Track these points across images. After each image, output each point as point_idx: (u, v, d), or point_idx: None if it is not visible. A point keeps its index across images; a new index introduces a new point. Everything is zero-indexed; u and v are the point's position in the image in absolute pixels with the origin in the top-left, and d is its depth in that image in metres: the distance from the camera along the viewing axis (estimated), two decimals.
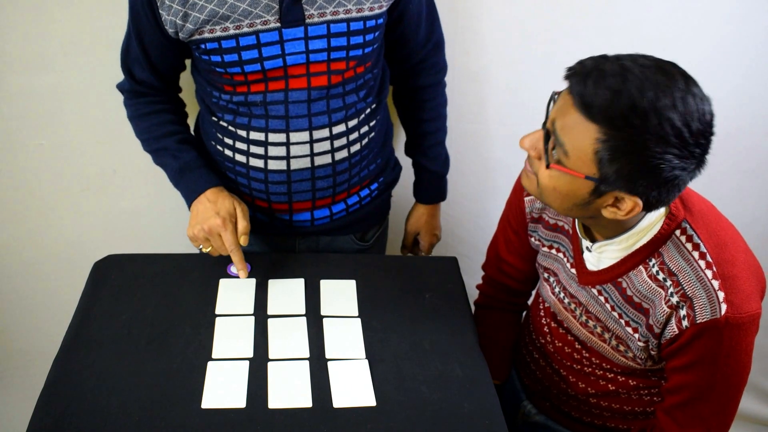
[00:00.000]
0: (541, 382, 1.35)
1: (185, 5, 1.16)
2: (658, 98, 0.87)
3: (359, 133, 1.36)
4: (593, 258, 1.13)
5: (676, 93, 0.88)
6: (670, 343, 1.04)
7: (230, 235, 1.24)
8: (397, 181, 1.56)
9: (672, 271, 1.03)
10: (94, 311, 1.23)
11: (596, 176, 0.94)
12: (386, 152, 1.49)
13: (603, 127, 0.90)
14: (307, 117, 1.29)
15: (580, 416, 1.30)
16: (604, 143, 0.90)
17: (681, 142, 0.88)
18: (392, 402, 1.10)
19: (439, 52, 1.46)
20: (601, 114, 0.89)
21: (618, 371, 1.20)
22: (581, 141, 0.92)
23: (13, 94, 1.56)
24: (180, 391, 1.09)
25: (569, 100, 0.93)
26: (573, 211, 1.02)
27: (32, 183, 1.69)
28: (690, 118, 0.88)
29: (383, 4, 1.25)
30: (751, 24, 1.54)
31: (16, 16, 1.46)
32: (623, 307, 1.11)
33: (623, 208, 0.96)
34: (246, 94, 1.27)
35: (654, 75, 0.89)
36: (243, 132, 1.32)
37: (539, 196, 1.05)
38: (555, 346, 1.29)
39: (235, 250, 1.25)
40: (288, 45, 1.21)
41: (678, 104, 0.88)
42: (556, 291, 1.25)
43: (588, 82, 0.90)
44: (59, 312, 1.42)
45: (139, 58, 1.28)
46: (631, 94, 0.87)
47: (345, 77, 1.29)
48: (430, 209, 1.63)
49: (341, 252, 1.51)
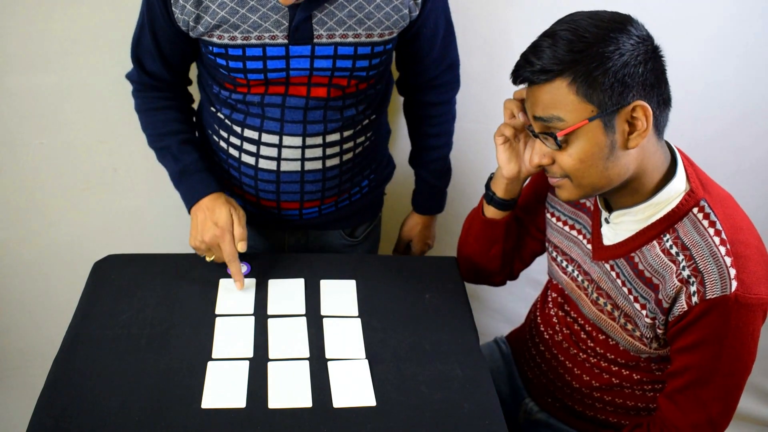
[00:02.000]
0: (545, 375, 1.35)
1: (198, 7, 1.17)
2: (576, 22, 0.99)
3: (354, 143, 1.36)
4: (610, 232, 1.15)
5: (603, 26, 0.98)
6: (678, 320, 1.05)
7: (228, 245, 1.25)
8: (389, 178, 1.56)
9: (686, 245, 1.04)
10: (94, 311, 1.23)
11: (595, 112, 0.99)
12: (379, 157, 1.49)
13: (564, 74, 0.98)
14: (302, 123, 1.29)
15: (583, 410, 1.30)
16: (576, 82, 0.98)
17: (625, 33, 0.98)
18: (392, 402, 1.10)
19: (452, 72, 1.46)
20: (554, 66, 0.98)
21: (622, 362, 1.21)
22: (560, 99, 1.00)
23: (14, 94, 1.56)
24: (180, 391, 1.09)
25: (529, 90, 1.04)
26: (611, 170, 1.04)
27: (32, 182, 1.69)
28: (607, 15, 1.01)
29: (393, 31, 1.25)
30: (748, 23, 1.54)
31: (17, 16, 1.46)
32: (633, 282, 1.12)
33: (640, 125, 0.99)
34: (245, 94, 1.28)
35: (564, 19, 1.02)
36: (238, 128, 1.32)
37: (581, 191, 1.07)
38: (563, 333, 1.29)
39: (233, 261, 1.26)
40: (293, 61, 1.22)
41: (592, 16, 1.00)
42: (568, 270, 1.26)
43: (529, 57, 1.01)
44: (59, 312, 1.42)
45: (151, 50, 1.28)
46: (563, 36, 0.98)
47: (346, 92, 1.29)
48: (425, 219, 1.63)
49: (330, 247, 1.52)
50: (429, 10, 1.28)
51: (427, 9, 1.27)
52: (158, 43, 1.27)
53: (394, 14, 1.22)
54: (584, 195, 1.08)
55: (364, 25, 1.21)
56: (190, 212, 1.32)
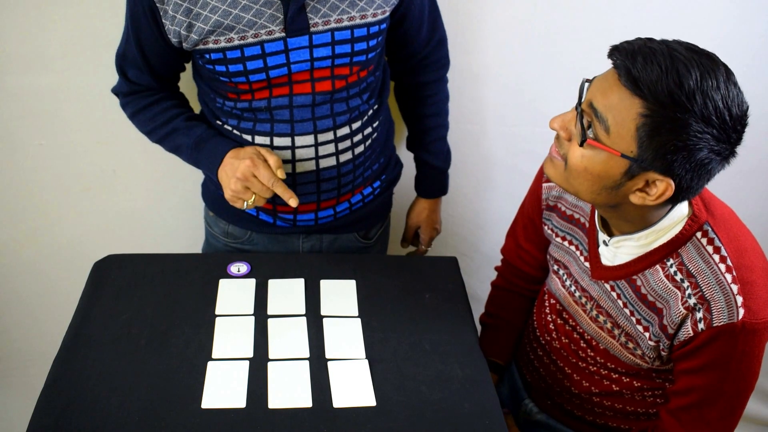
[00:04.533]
0: (544, 380, 1.35)
1: (189, 15, 1.16)
2: (704, 78, 0.89)
3: (363, 135, 1.36)
4: (609, 253, 1.13)
5: (720, 77, 0.91)
6: (683, 345, 1.04)
7: (264, 170, 1.19)
8: (398, 179, 1.57)
9: (691, 273, 1.03)
10: (94, 311, 1.23)
11: (633, 154, 0.94)
12: (388, 151, 1.50)
13: (648, 102, 0.90)
14: (311, 120, 1.29)
15: (582, 415, 1.30)
16: (647, 118, 0.91)
17: (721, 123, 0.90)
18: (392, 402, 1.10)
19: (441, 48, 1.46)
20: (649, 89, 0.90)
21: (623, 371, 1.20)
22: (624, 115, 0.93)
23: (13, 94, 1.56)
24: (180, 391, 1.09)
25: (613, 77, 0.94)
26: (600, 196, 1.01)
27: (32, 183, 1.69)
28: (731, 102, 0.91)
29: (386, 9, 1.25)
30: (750, 24, 1.54)
31: (17, 16, 1.46)
32: (636, 305, 1.11)
33: (653, 193, 0.96)
34: (250, 101, 1.27)
35: (700, 58, 0.91)
36: (248, 137, 1.31)
37: (565, 182, 1.04)
38: (561, 342, 1.29)
39: (276, 183, 1.20)
40: (293, 54, 1.21)
41: (722, 87, 0.90)
42: (567, 284, 1.25)
43: (637, 58, 0.91)
44: (59, 312, 1.42)
45: (138, 63, 1.26)
46: (679, 72, 0.89)
47: (349, 82, 1.29)
48: (431, 203, 1.63)
49: (345, 250, 1.51)
50: None
51: None
52: (145, 56, 1.25)
53: None
54: (564, 188, 1.06)
55: (356, 7, 1.21)
56: (217, 175, 1.27)
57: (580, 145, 0.98)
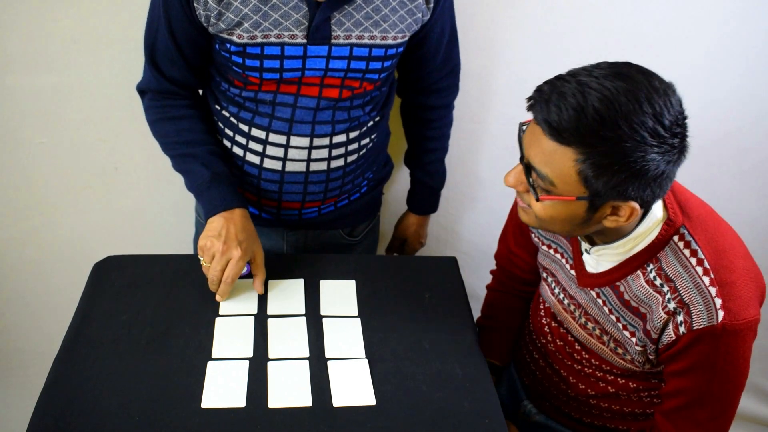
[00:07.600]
0: (541, 383, 1.35)
1: (220, 3, 1.16)
2: (621, 104, 0.87)
3: (358, 144, 1.37)
4: (592, 260, 1.14)
5: (640, 95, 0.88)
6: (668, 348, 1.05)
7: (218, 265, 1.20)
8: (388, 178, 1.57)
9: (669, 277, 1.03)
10: (94, 311, 1.23)
11: (587, 194, 0.94)
12: (380, 159, 1.50)
13: (578, 147, 0.90)
14: (311, 124, 1.29)
15: (581, 417, 1.30)
16: (585, 162, 0.90)
17: (658, 139, 0.88)
18: (392, 401, 1.10)
19: (453, 77, 1.47)
20: (572, 135, 0.89)
21: (618, 373, 1.20)
22: (561, 166, 0.92)
23: (14, 94, 1.56)
24: (180, 391, 1.09)
25: (538, 130, 0.94)
26: (576, 230, 1.03)
27: (33, 181, 1.69)
28: (660, 114, 0.88)
29: (406, 34, 1.26)
30: (749, 24, 1.54)
31: (18, 16, 1.46)
32: (621, 311, 1.11)
33: (623, 215, 0.97)
34: (256, 92, 1.28)
35: (612, 83, 0.89)
36: (245, 127, 1.32)
37: (540, 226, 1.05)
38: (556, 345, 1.29)
39: (213, 284, 1.22)
40: (309, 61, 1.22)
41: (644, 106, 0.87)
42: (555, 292, 1.25)
43: (550, 107, 0.90)
44: (59, 312, 1.42)
45: (170, 53, 1.25)
46: (595, 108, 0.87)
47: (355, 93, 1.30)
48: (420, 219, 1.68)
49: (329, 246, 1.52)
50: (438, 14, 1.29)
51: (436, 13, 1.28)
52: (178, 44, 1.24)
53: (408, 17, 1.24)
54: (543, 230, 1.07)
55: (379, 27, 1.22)
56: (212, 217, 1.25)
57: (537, 201, 0.99)
